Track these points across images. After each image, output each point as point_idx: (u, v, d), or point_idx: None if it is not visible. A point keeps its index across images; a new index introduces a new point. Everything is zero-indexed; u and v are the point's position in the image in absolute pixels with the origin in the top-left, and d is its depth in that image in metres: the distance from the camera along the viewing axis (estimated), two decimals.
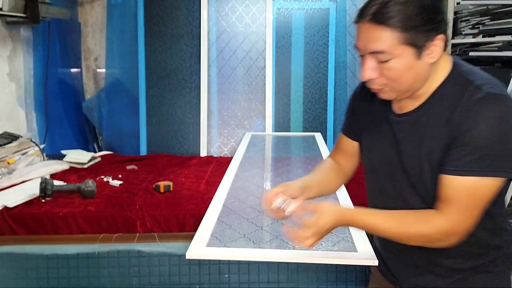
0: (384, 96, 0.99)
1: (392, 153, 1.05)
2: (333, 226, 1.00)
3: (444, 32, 0.93)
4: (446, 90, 0.96)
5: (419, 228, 0.95)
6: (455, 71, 0.97)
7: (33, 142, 2.43)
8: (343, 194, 1.74)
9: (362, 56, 0.96)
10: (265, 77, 2.99)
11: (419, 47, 0.91)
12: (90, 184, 1.96)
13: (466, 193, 0.90)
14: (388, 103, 1.06)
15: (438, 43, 0.92)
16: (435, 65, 0.96)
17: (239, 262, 1.74)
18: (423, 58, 0.92)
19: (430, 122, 0.96)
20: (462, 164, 0.89)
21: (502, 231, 1.04)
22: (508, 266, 1.07)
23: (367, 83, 0.99)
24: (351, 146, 1.20)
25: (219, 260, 1.73)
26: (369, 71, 0.94)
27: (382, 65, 0.93)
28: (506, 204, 3.24)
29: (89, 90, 3.34)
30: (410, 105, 1.01)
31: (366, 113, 1.13)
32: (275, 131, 3.00)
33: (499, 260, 1.04)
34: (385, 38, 0.89)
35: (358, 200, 1.84)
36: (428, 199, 0.99)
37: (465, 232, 0.94)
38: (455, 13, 3.66)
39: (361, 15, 0.92)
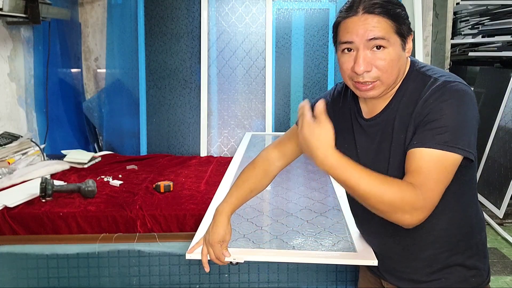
0: (373, 92, 0.99)
1: (363, 160, 1.08)
2: (317, 150, 0.92)
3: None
4: (406, 87, 1.01)
5: (392, 193, 0.90)
6: (413, 68, 1.03)
7: (34, 142, 2.44)
8: (343, 195, 1.74)
9: (350, 50, 0.98)
10: (265, 77, 2.99)
11: (403, 39, 0.98)
12: (90, 184, 1.97)
13: (434, 164, 0.91)
14: (358, 109, 1.11)
15: (410, 39, 1.01)
16: None
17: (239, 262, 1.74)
18: (404, 50, 0.99)
19: (396, 122, 1.01)
20: (427, 138, 0.92)
21: (471, 218, 1.07)
22: (482, 260, 1.09)
23: (359, 79, 0.98)
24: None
25: None
26: (365, 62, 0.96)
27: (376, 56, 0.96)
28: (506, 204, 3.22)
29: (90, 90, 3.34)
30: (375, 108, 1.06)
31: (336, 116, 1.16)
32: (275, 131, 3.01)
33: (472, 251, 1.07)
34: (383, 25, 0.95)
35: None
36: None
37: (430, 208, 0.92)
38: (455, 13, 3.67)
39: (352, 10, 0.97)
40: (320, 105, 0.95)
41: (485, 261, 1.10)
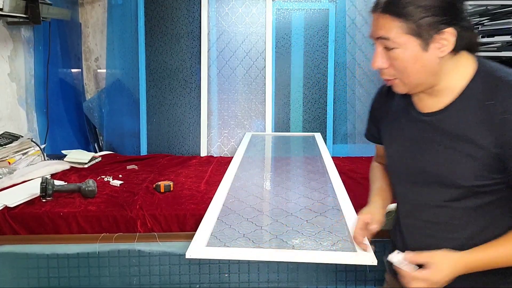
0: (397, 89, 1.01)
1: (415, 155, 1.03)
2: (450, 278, 0.94)
3: (456, 26, 0.91)
4: (475, 89, 0.94)
5: None
6: (482, 69, 0.95)
7: (34, 142, 2.44)
8: (342, 195, 1.75)
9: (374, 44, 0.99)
10: (265, 78, 3.00)
11: (424, 38, 0.91)
12: (90, 184, 1.97)
13: None
14: (410, 101, 1.06)
15: (447, 36, 0.91)
16: (454, 61, 0.95)
17: (239, 262, 1.75)
18: (430, 51, 0.92)
19: (462, 123, 0.94)
20: None
21: None
22: None
23: (380, 74, 1.00)
24: (381, 148, 1.25)
25: (219, 260, 1.74)
26: (379, 59, 0.97)
27: (390, 55, 0.95)
28: None
29: (90, 91, 3.35)
30: (434, 104, 1.00)
31: (385, 114, 1.15)
32: (275, 131, 3.01)
33: None
34: (390, 26, 0.92)
35: (358, 200, 1.85)
36: (456, 203, 0.98)
37: None
38: None
39: (375, 6, 0.96)
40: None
41: None
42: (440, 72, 0.95)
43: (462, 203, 0.98)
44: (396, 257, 0.99)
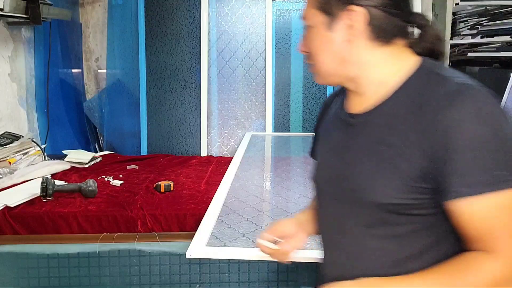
0: (314, 78, 0.86)
1: (337, 165, 0.82)
2: None
3: (374, 7, 0.73)
4: (411, 89, 0.74)
5: (471, 282, 0.66)
6: (425, 66, 0.76)
7: (34, 142, 2.44)
8: None
9: None
10: (265, 78, 3.00)
11: (330, 15, 0.75)
12: (91, 184, 1.97)
13: (505, 213, 0.65)
14: (342, 103, 0.87)
15: (355, 17, 0.73)
16: (385, 53, 0.76)
17: (239, 261, 1.75)
18: (336, 31, 0.75)
19: (390, 126, 0.74)
20: (474, 179, 0.65)
21: None
22: None
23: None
24: None
25: (219, 259, 1.75)
26: (302, 41, 0.83)
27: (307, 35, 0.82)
28: None
29: (90, 91, 3.35)
30: (362, 103, 0.80)
31: (323, 123, 0.94)
32: (275, 131, 3.02)
33: None
34: (308, 0, 0.80)
35: None
36: (377, 229, 0.76)
37: None
38: (454, 14, 3.68)
39: None
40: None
41: None
42: (355, 62, 0.77)
43: (380, 230, 0.75)
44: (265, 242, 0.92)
